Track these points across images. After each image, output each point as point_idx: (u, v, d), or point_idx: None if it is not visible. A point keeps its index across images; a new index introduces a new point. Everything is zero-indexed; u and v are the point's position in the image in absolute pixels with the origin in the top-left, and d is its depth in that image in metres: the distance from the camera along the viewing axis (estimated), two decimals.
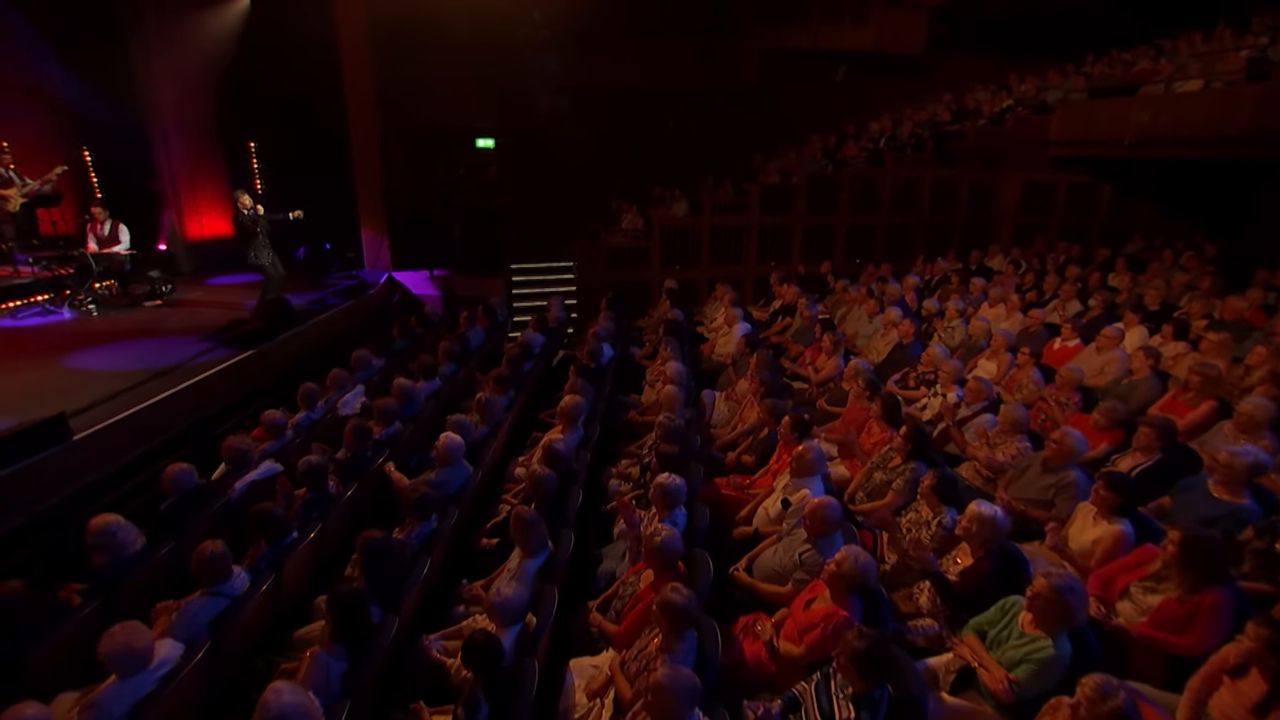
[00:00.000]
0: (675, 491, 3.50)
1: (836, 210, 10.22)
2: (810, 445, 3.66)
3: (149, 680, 2.52)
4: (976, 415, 4.56)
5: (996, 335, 5.73)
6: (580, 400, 4.68)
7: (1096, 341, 5.35)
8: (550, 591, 3.03)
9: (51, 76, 8.71)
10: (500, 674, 2.53)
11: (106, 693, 2.45)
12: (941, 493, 3.28)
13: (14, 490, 3.83)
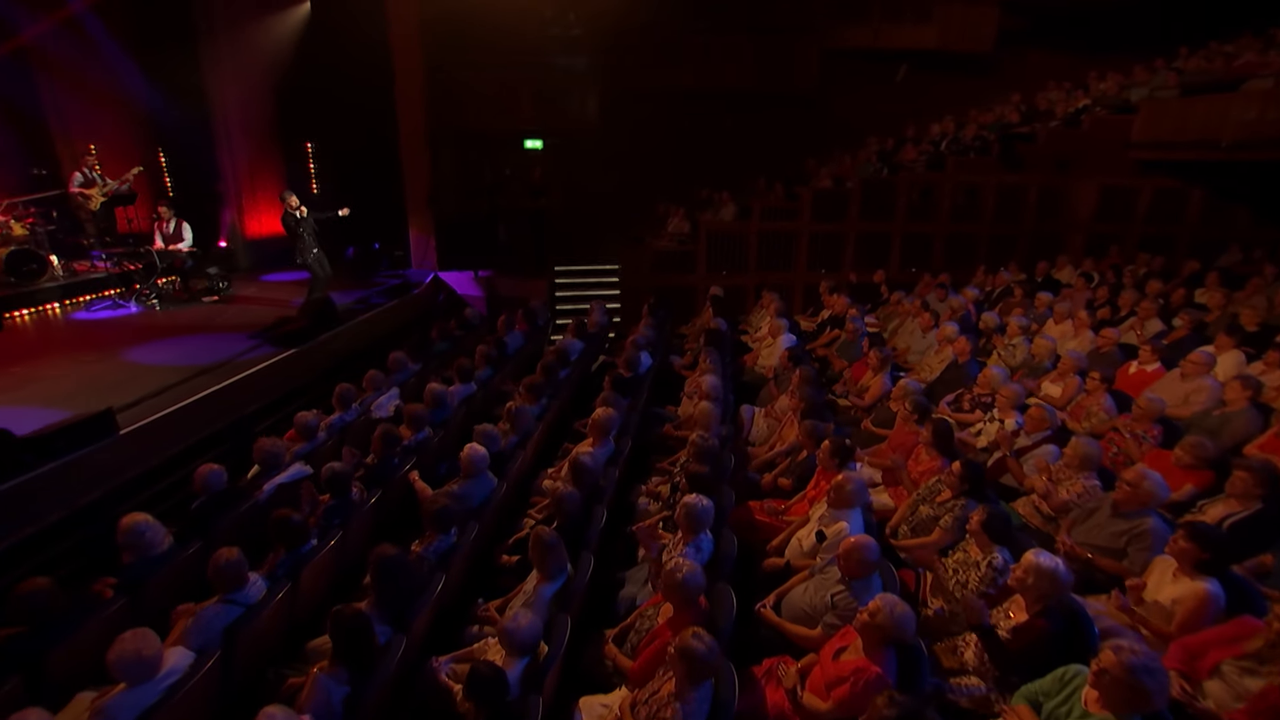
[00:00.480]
0: (702, 515, 3.31)
1: (892, 217, 9.75)
2: (851, 475, 3.39)
3: (156, 689, 2.51)
4: (1037, 446, 4.17)
5: (1064, 356, 5.27)
6: (612, 414, 4.53)
7: (1181, 367, 4.82)
8: (563, 621, 2.89)
9: (131, 84, 9.20)
10: (503, 711, 2.40)
11: (114, 700, 2.44)
12: (992, 530, 2.96)
13: (59, 483, 3.96)
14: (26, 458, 4.00)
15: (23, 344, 6.35)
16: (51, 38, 8.43)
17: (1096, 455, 3.67)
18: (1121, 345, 5.75)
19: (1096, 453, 3.68)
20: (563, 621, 2.89)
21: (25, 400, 4.91)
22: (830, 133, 11.38)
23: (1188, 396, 4.66)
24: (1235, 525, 3.10)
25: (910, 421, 4.45)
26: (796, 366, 5.60)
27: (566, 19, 9.55)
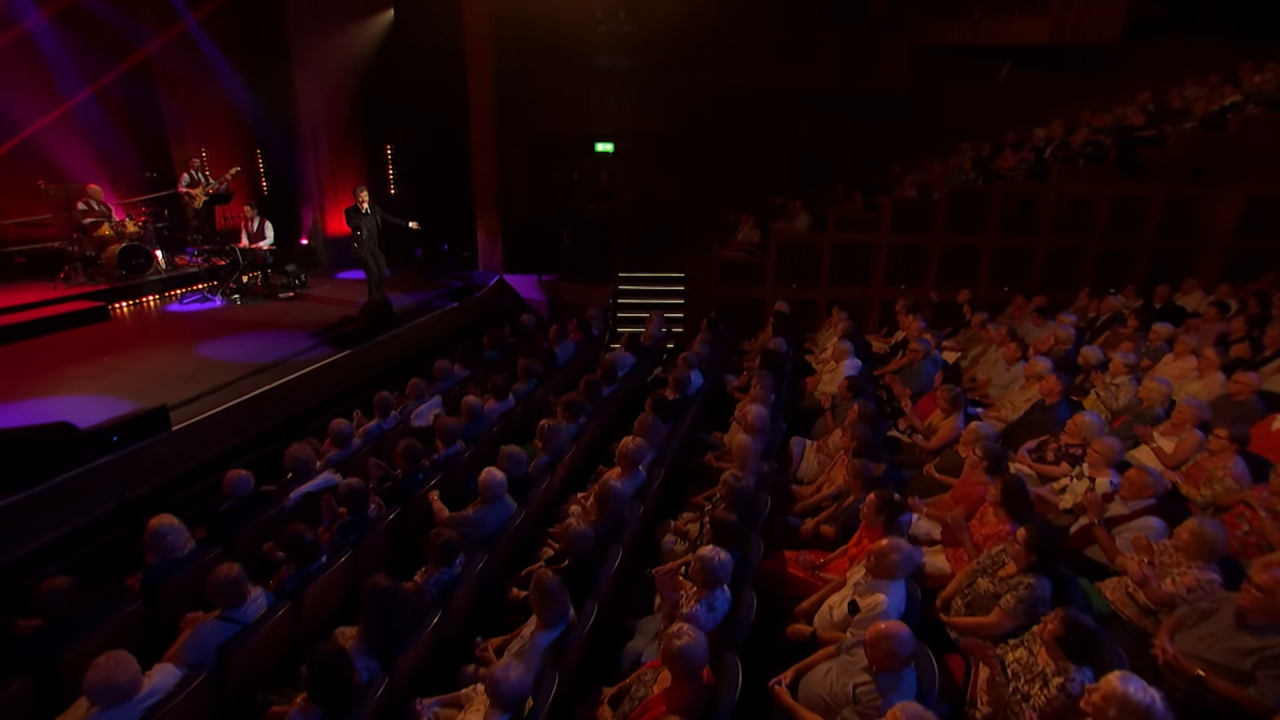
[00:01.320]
0: (717, 570, 2.98)
1: (983, 230, 8.87)
2: (896, 542, 2.93)
3: (133, 711, 2.49)
4: (1136, 516, 3.51)
5: (1181, 404, 4.48)
6: (642, 443, 4.26)
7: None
8: (551, 678, 2.66)
9: (233, 91, 9.87)
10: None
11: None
12: (1071, 648, 2.40)
13: (111, 476, 4.17)
14: (89, 450, 4.25)
15: (118, 334, 6.90)
16: (168, 52, 9.16)
17: (1218, 540, 2.97)
18: (1263, 394, 4.82)
19: (1219, 537, 2.97)
20: (550, 679, 2.65)
21: (103, 390, 5.27)
22: (919, 138, 10.52)
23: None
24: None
25: (979, 471, 3.89)
26: (856, 399, 5.13)
27: (617, 16, 9.29)
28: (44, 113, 8.16)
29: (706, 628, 2.89)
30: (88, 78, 8.40)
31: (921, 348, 5.85)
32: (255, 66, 9.69)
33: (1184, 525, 3.08)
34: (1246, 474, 3.86)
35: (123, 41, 8.65)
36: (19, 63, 7.80)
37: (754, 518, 3.71)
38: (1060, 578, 2.97)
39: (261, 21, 9.59)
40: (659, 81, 10.11)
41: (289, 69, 9.66)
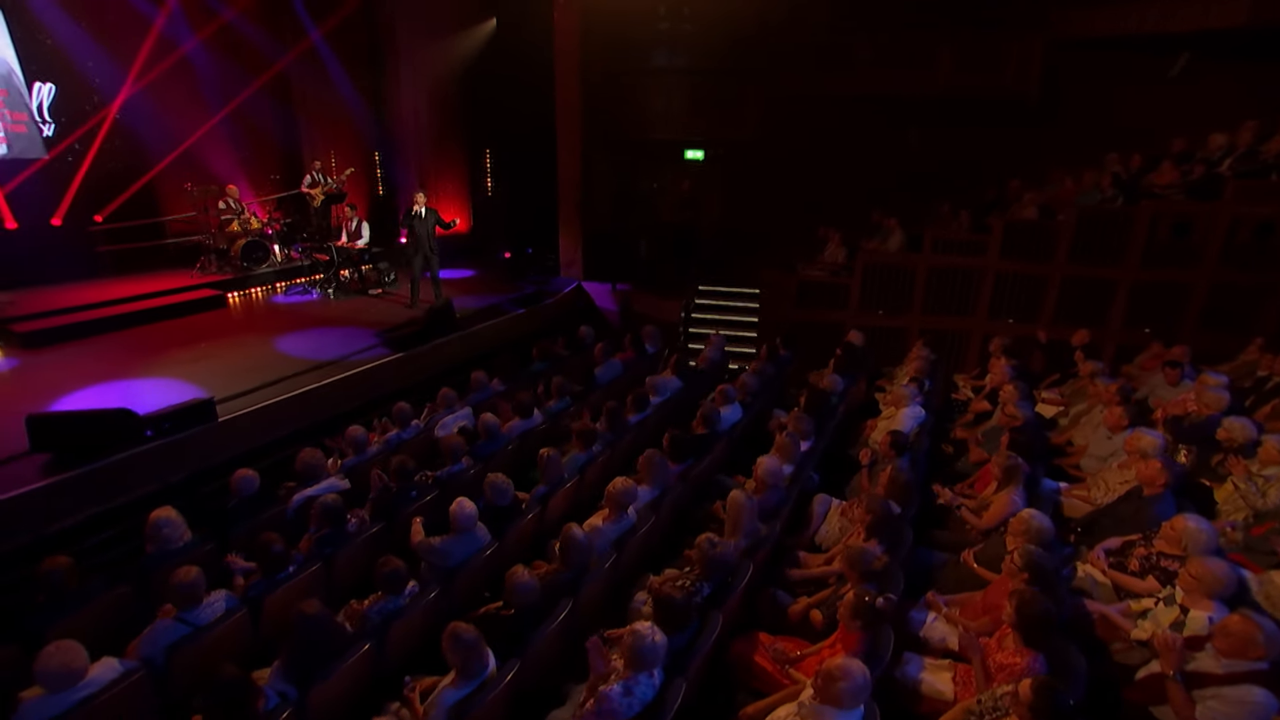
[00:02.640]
0: (646, 652, 2.66)
1: (1121, 259, 7.46)
2: (849, 668, 2.41)
3: (69, 699, 2.67)
4: (1232, 681, 2.65)
5: None
6: (631, 486, 3.98)
7: None
8: None
9: (351, 99, 10.77)
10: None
11: (28, 703, 2.64)
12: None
13: (157, 461, 4.62)
14: (147, 432, 4.75)
15: (223, 322, 7.76)
16: (297, 66, 10.18)
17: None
18: None
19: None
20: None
21: (185, 376, 5.92)
22: (1052, 148, 9.06)
23: None
24: None
25: (1016, 578, 3.18)
26: (898, 458, 4.47)
27: (707, 21, 8.84)
28: (198, 125, 9.38)
29: (618, 714, 2.59)
30: (232, 92, 9.55)
31: (1018, 409, 4.92)
32: (369, 76, 10.49)
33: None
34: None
35: (260, 58, 9.74)
36: (178, 83, 9.03)
37: (723, 591, 3.31)
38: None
39: (375, 35, 10.33)
40: (752, 87, 9.58)
41: (398, 77, 10.34)
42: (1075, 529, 4.20)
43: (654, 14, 9.34)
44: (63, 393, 5.56)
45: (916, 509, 4.14)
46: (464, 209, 12.02)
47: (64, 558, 3.34)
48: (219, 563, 3.70)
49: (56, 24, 8.51)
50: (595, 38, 9.35)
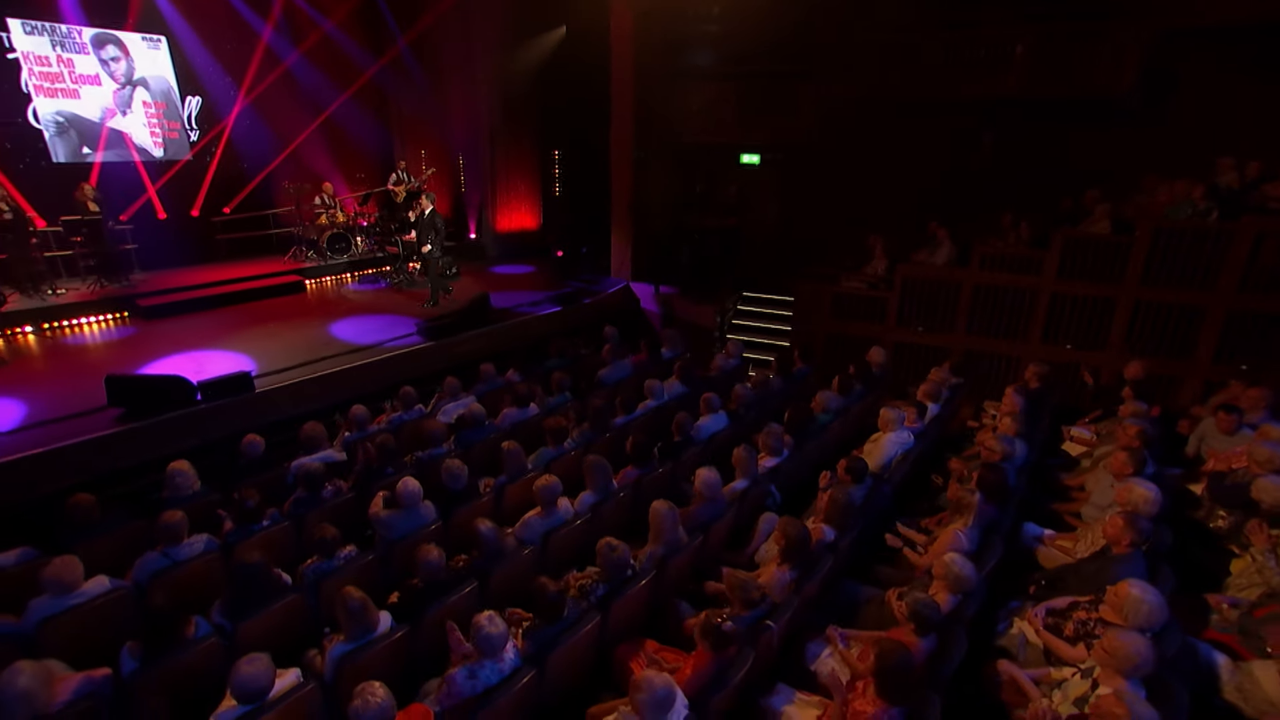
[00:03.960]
0: (488, 640, 2.85)
1: (1213, 283, 6.54)
2: (653, 683, 2.49)
3: (64, 604, 3.33)
4: None
5: None
6: (555, 482, 4.17)
7: None
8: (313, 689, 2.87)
9: (432, 102, 11.72)
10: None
11: (33, 603, 3.33)
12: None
13: (201, 421, 5.46)
14: (197, 397, 5.63)
15: (296, 307, 8.80)
16: (385, 73, 11.25)
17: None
18: None
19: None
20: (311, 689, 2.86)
21: (247, 349, 6.86)
22: (1158, 153, 7.98)
23: None
24: None
25: (904, 624, 3.05)
26: (855, 483, 4.32)
27: (760, 22, 8.64)
28: (301, 129, 10.68)
29: (454, 696, 2.83)
30: (329, 99, 10.77)
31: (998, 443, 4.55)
32: (450, 81, 11.36)
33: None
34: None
35: (353, 67, 10.89)
36: (283, 93, 10.33)
37: (617, 593, 3.43)
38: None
39: (455, 43, 11.14)
40: (807, 89, 9.29)
41: (475, 83, 11.11)
42: (1039, 580, 3.87)
43: (706, 16, 9.32)
44: (155, 357, 6.69)
45: (854, 539, 3.99)
46: (534, 209, 12.66)
47: (86, 495, 4.10)
48: (215, 512, 4.35)
49: (193, 48, 10.07)
50: (649, 42, 9.51)
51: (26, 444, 5.02)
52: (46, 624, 3.27)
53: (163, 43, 10.10)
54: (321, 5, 10.50)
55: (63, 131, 9.53)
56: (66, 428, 5.25)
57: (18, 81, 9.04)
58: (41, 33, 9.15)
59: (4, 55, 8.89)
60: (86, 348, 7.26)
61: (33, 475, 4.84)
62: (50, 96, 9.37)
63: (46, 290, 8.14)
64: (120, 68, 9.94)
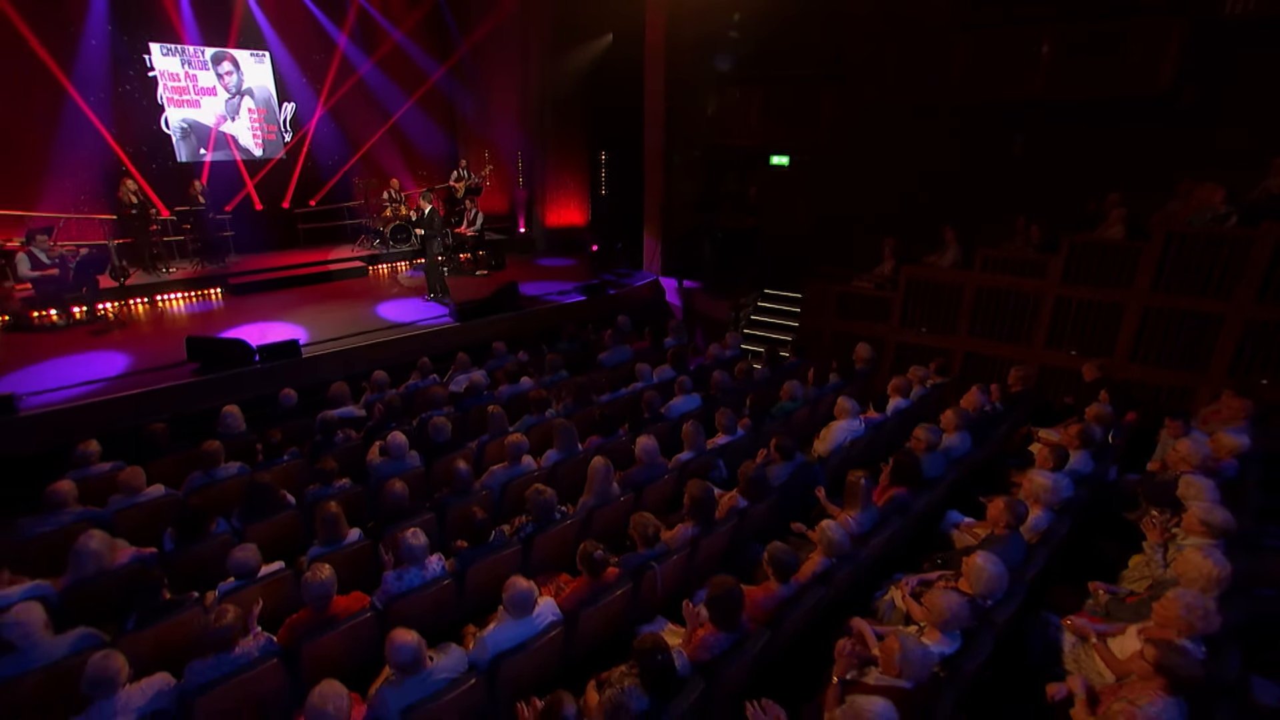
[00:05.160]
0: (405, 552, 3.55)
1: (1229, 291, 6.29)
2: (516, 584, 3.09)
3: (130, 501, 4.34)
4: (875, 691, 2.78)
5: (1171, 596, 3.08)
6: (520, 440, 4.84)
7: None
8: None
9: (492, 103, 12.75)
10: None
11: (112, 499, 4.37)
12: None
13: (255, 379, 6.56)
14: (255, 358, 6.76)
15: (355, 288, 9.99)
16: (446, 79, 12.37)
17: None
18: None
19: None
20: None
21: (302, 321, 8.01)
22: (1201, 153, 7.59)
23: None
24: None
25: (767, 570, 3.49)
26: (783, 460, 4.72)
27: (727, 22, 8.90)
28: (373, 132, 11.99)
29: (385, 592, 3.53)
30: (397, 103, 12.01)
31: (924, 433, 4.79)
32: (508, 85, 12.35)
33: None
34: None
35: (419, 72, 12.08)
36: (358, 99, 11.65)
37: (541, 531, 4.06)
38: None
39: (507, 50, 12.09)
40: (829, 93, 9.47)
41: (530, 87, 12.02)
42: (936, 560, 4.14)
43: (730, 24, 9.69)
44: (232, 325, 7.97)
45: (768, 508, 4.40)
46: (582, 206, 13.45)
47: (160, 424, 5.20)
48: (253, 447, 5.35)
49: (284, 60, 11.58)
50: (679, 48, 10.00)
51: (127, 386, 6.30)
52: (119, 513, 4.30)
53: (266, 56, 11.67)
54: (393, 15, 11.77)
55: (185, 136, 11.26)
56: (157, 376, 6.50)
57: (155, 95, 10.80)
58: (174, 54, 10.87)
59: (146, 74, 10.64)
60: (184, 316, 8.72)
61: (129, 410, 6.09)
62: (178, 106, 11.10)
63: (161, 269, 9.76)
64: (232, 80, 11.59)
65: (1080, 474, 4.53)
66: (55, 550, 3.87)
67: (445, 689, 2.82)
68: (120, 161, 10.19)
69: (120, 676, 2.69)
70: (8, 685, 2.87)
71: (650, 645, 2.73)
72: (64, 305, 8.22)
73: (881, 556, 4.06)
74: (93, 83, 9.81)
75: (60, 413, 5.89)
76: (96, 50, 9.79)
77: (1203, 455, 4.28)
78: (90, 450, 4.87)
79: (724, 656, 2.97)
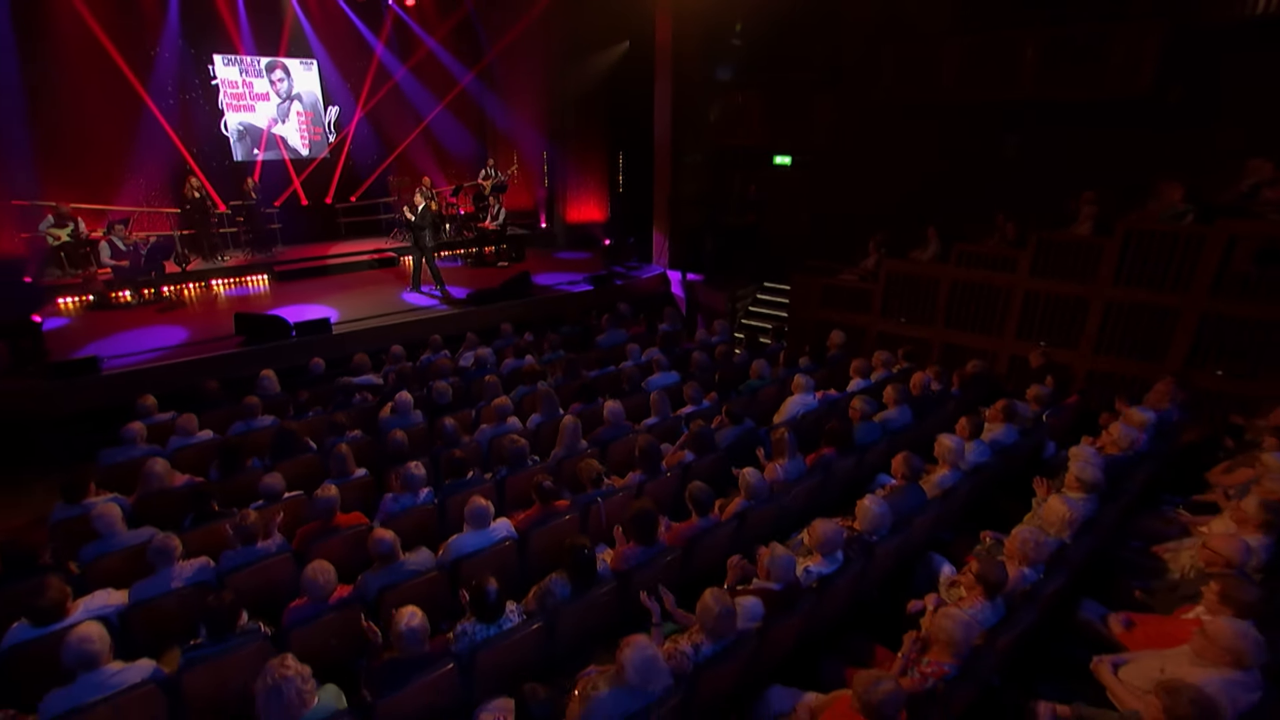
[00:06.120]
0: (406, 479, 4.36)
1: (1187, 286, 6.60)
2: (474, 501, 3.86)
3: (184, 442, 5.30)
4: (748, 594, 3.43)
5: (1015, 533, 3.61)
6: (505, 403, 5.61)
7: None
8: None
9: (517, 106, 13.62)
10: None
11: (171, 440, 5.33)
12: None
13: (292, 350, 7.54)
14: (292, 333, 7.74)
15: (386, 276, 10.97)
16: (474, 85, 13.30)
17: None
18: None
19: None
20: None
21: (336, 304, 9.00)
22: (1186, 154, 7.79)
23: None
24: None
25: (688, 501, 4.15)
26: (734, 426, 5.36)
27: (732, 29, 9.42)
28: (407, 133, 13.02)
29: (381, 512, 4.34)
30: (429, 106, 13.00)
31: (860, 404, 5.36)
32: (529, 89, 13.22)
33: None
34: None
35: (450, 78, 13.04)
36: (394, 103, 12.67)
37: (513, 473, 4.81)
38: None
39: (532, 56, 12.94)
40: (829, 96, 9.96)
41: (552, 90, 12.85)
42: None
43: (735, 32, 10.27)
44: (275, 306, 9.02)
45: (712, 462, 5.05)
46: (601, 203, 14.20)
47: (214, 381, 6.18)
48: (286, 405, 6.28)
49: (327, 67, 12.69)
50: (685, 53, 10.63)
51: (186, 354, 7.38)
52: (176, 451, 5.25)
53: (314, 64, 12.82)
54: (427, 23, 12.77)
55: (241, 137, 12.49)
56: (210, 346, 7.56)
57: (216, 101, 12.04)
58: (233, 64, 12.09)
59: (210, 82, 11.89)
60: (235, 297, 9.85)
61: (187, 372, 7.13)
62: (235, 111, 12.32)
63: (218, 257, 10.95)
64: (283, 86, 12.77)
65: (1001, 444, 5.02)
66: (128, 474, 4.82)
67: (415, 577, 3.59)
68: (185, 161, 11.44)
69: (176, 553, 3.56)
70: (98, 561, 3.78)
71: (576, 544, 3.43)
72: (136, 287, 9.43)
73: (805, 505, 4.66)
74: (164, 92, 11.07)
75: (133, 373, 6.97)
76: (168, 63, 11.04)
77: (1124, 432, 4.72)
78: (148, 403, 5.87)
79: (638, 567, 3.65)
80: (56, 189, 9.75)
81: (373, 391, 6.56)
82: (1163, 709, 2.24)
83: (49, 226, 9.19)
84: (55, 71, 9.80)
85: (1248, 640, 2.45)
